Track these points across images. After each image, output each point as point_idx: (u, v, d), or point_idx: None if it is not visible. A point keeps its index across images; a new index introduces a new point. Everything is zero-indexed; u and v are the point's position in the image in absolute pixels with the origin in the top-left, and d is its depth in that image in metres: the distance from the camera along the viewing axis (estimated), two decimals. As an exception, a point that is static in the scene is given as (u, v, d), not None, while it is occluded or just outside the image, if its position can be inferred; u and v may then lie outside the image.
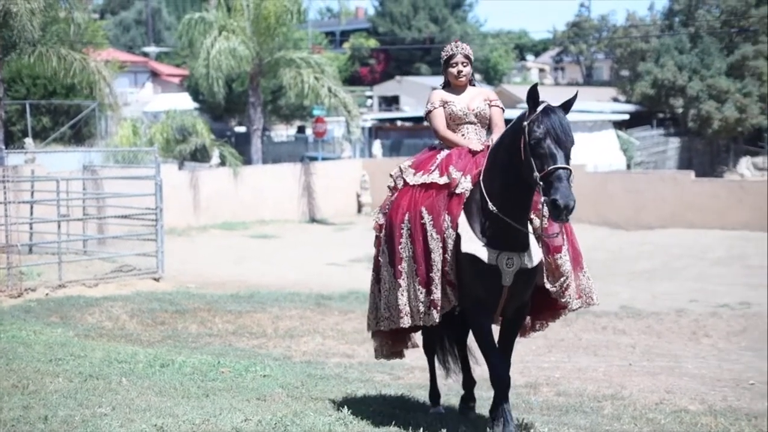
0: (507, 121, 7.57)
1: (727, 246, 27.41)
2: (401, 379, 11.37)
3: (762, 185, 32.14)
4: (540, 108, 6.73)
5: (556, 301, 7.46)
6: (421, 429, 7.48)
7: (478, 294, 7.15)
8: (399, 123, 50.47)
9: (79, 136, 37.78)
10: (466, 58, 7.88)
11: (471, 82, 8.03)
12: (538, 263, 7.13)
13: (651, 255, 26.66)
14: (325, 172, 36.60)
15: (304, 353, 13.44)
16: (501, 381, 7.28)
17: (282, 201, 34.62)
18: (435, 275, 7.21)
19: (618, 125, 47.41)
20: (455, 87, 7.94)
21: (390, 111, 56.38)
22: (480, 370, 8.16)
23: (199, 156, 36.66)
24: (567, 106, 6.84)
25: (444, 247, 7.18)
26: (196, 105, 48.07)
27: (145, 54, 69.07)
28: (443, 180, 7.39)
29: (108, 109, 35.48)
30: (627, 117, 48.27)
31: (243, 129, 47.70)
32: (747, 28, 50.55)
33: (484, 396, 8.92)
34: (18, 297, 16.80)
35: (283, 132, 55.71)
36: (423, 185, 7.52)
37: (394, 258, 7.52)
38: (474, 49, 8.36)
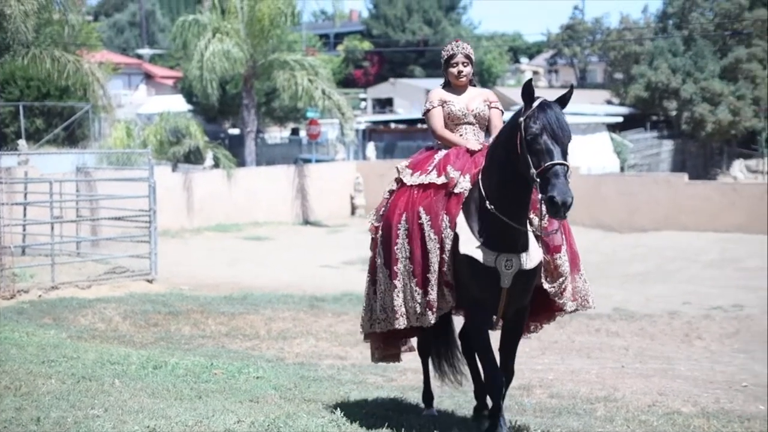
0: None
1: (720, 248, 27.45)
2: (394, 381, 11.35)
3: (755, 188, 32.25)
4: (536, 103, 6.66)
5: (552, 303, 7.39)
6: (414, 431, 7.47)
7: (476, 296, 7.07)
8: (393, 125, 50.52)
9: (73, 137, 37.74)
10: (466, 58, 7.79)
11: (471, 82, 7.93)
12: (537, 264, 7.06)
13: (644, 257, 26.69)
14: (319, 174, 36.60)
15: (297, 355, 13.43)
16: (495, 385, 7.20)
17: (276, 203, 34.61)
18: (432, 276, 7.12)
19: (612, 128, 47.49)
20: (455, 87, 7.84)
21: (384, 113, 56.37)
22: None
23: (193, 158, 36.63)
24: (563, 101, 6.74)
25: (442, 248, 7.09)
26: (189, 107, 47.99)
27: (139, 56, 68.99)
28: (441, 180, 7.29)
29: (102, 111, 35.49)
30: (621, 119, 48.35)
31: (237, 131, 47.67)
32: (740, 31, 50.65)
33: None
34: (11, 298, 16.77)
35: (277, 134, 55.67)
36: (420, 185, 7.42)
37: (390, 259, 7.42)
38: (469, 52, 8.26)
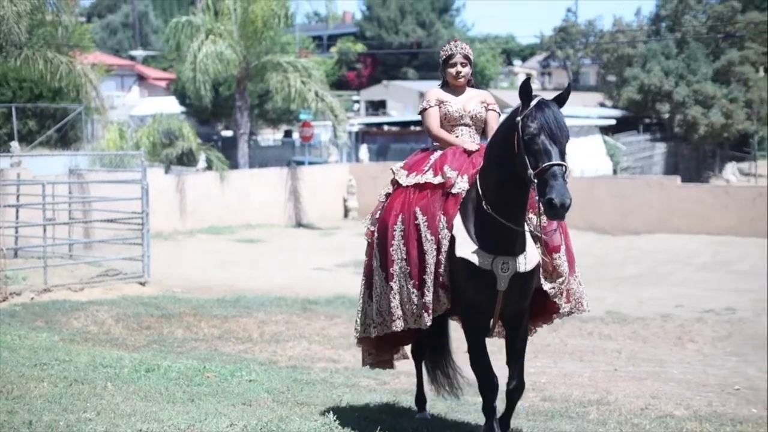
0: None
1: (713, 251, 27.49)
2: (387, 384, 11.34)
3: (747, 191, 32.30)
4: (533, 102, 6.53)
5: (549, 304, 7.29)
6: (407, 434, 7.48)
7: (472, 298, 6.96)
8: (386, 127, 50.53)
9: (66, 139, 37.72)
10: (465, 58, 7.66)
11: (470, 82, 7.81)
12: (534, 267, 6.96)
13: (637, 260, 26.71)
14: (312, 176, 36.58)
15: (289, 358, 13.42)
16: (489, 389, 7.13)
17: (268, 205, 34.57)
18: (428, 277, 7.01)
19: (604, 130, 47.54)
20: (453, 87, 7.72)
21: (377, 115, 56.42)
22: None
23: (186, 160, 36.61)
24: (561, 99, 6.64)
25: (438, 249, 6.97)
26: (182, 109, 47.97)
27: (132, 57, 68.94)
28: (438, 180, 7.17)
29: (94, 113, 35.48)
30: (613, 122, 48.43)
31: (230, 133, 47.64)
32: (733, 33, 50.81)
33: (470, 401, 8.92)
34: (3, 301, 16.75)
35: (270, 136, 55.65)
36: (417, 186, 7.30)
37: (386, 261, 7.30)
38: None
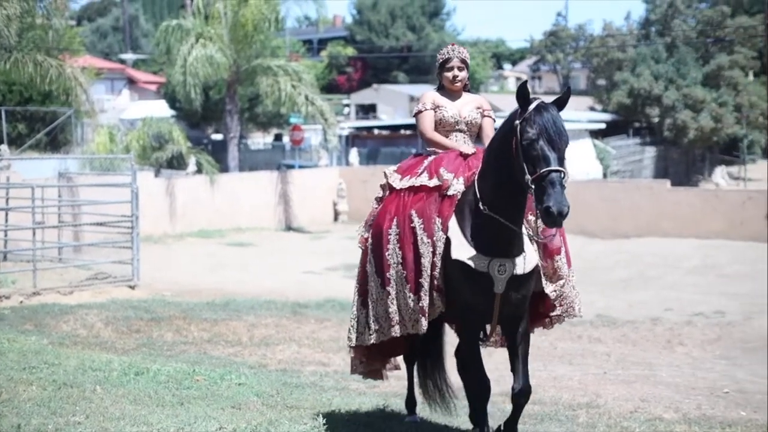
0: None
1: (702, 255, 27.54)
2: (377, 388, 11.33)
3: (737, 194, 32.37)
4: (533, 105, 6.42)
5: (546, 307, 7.26)
6: (396, 437, 7.47)
7: (468, 300, 6.85)
8: (376, 131, 50.54)
9: (55, 143, 37.64)
10: (462, 62, 7.58)
11: (466, 87, 7.73)
12: (532, 269, 6.88)
13: (627, 264, 26.74)
14: (302, 180, 36.55)
15: (279, 361, 13.40)
16: (481, 393, 7.14)
17: (258, 209, 34.54)
18: (424, 281, 6.91)
19: (594, 134, 47.59)
20: (450, 91, 7.63)
21: (367, 119, 56.42)
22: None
23: (176, 163, 36.53)
24: (561, 103, 6.55)
25: (434, 252, 6.88)
26: (172, 112, 47.89)
27: (122, 61, 68.84)
28: (434, 182, 7.07)
29: (84, 116, 35.41)
30: (603, 126, 48.46)
31: (220, 136, 47.57)
32: (722, 38, 50.96)
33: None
34: (-8, 304, 16.73)
35: (260, 140, 55.59)
36: (411, 188, 7.19)
37: (382, 266, 7.19)
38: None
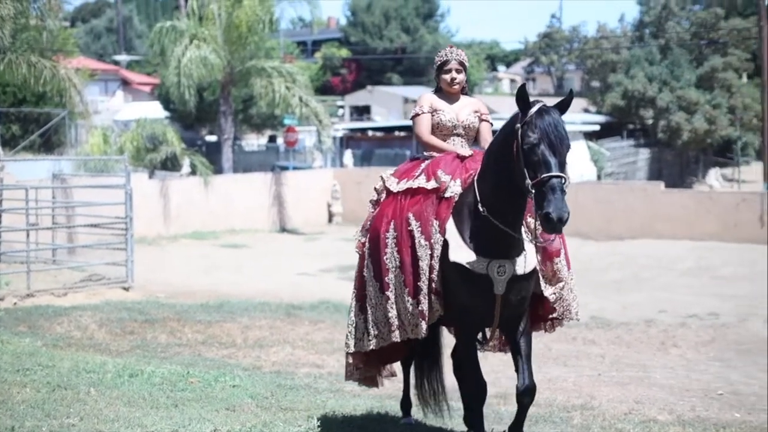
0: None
1: (696, 257, 27.56)
2: (372, 390, 11.30)
3: (731, 196, 32.42)
4: (534, 109, 6.31)
5: (545, 309, 7.19)
6: (391, 439, 7.47)
7: (466, 302, 6.79)
8: (370, 133, 50.52)
9: (49, 144, 37.60)
10: (460, 64, 7.53)
11: (464, 90, 7.67)
12: (532, 270, 6.83)
13: (621, 265, 26.76)
14: (296, 181, 36.54)
15: (273, 363, 13.39)
16: (477, 394, 7.11)
17: (253, 210, 34.53)
18: (423, 284, 6.85)
19: (588, 136, 47.66)
20: (448, 94, 7.58)
21: (361, 121, 56.37)
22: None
23: (170, 165, 36.52)
24: (563, 106, 6.42)
25: (432, 255, 6.82)
26: (166, 114, 47.85)
27: (116, 62, 68.80)
28: (431, 185, 7.01)
29: (78, 118, 35.35)
30: (597, 128, 48.53)
31: (214, 138, 47.57)
32: (716, 40, 51.04)
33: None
34: (-14, 306, 16.69)
35: (254, 141, 55.58)
36: (409, 191, 7.14)
37: (380, 270, 7.12)
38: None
